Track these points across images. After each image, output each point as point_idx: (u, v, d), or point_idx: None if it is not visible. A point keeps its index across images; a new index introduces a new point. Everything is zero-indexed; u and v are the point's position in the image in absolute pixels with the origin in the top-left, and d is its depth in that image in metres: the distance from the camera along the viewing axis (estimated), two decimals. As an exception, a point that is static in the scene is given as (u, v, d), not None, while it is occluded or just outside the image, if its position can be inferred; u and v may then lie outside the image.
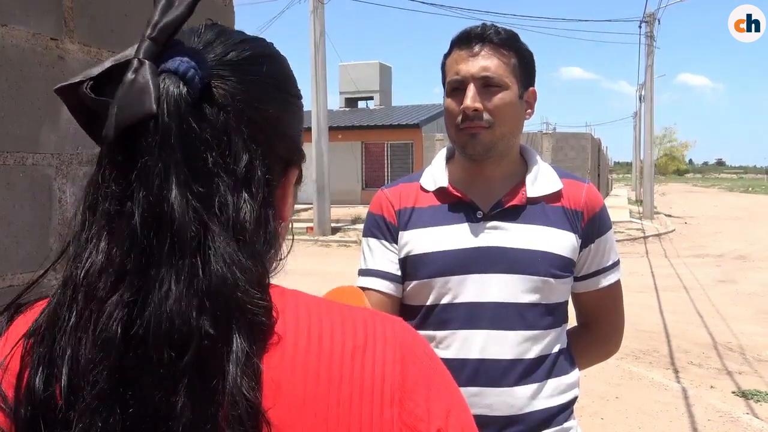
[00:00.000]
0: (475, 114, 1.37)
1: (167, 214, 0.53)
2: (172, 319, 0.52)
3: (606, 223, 1.50)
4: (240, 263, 0.55)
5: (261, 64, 0.63)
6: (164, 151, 0.54)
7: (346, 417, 0.55)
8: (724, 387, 5.43)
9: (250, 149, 0.59)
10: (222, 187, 0.56)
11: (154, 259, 0.53)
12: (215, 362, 0.53)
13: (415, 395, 0.58)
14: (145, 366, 0.52)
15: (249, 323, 0.54)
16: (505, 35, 1.42)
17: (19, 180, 1.06)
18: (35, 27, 1.08)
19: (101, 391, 0.53)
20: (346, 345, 0.57)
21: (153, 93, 0.54)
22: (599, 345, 1.61)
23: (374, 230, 1.52)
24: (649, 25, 24.32)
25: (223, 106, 0.58)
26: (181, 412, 0.52)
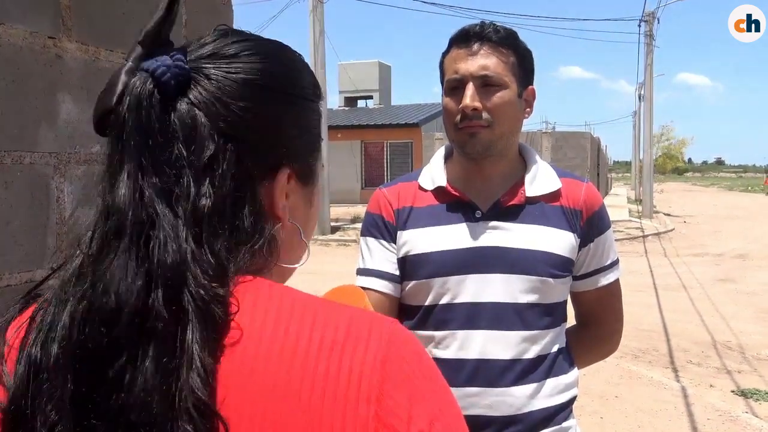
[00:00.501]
0: (474, 113, 1.37)
1: (116, 203, 0.57)
2: (108, 290, 0.55)
3: (605, 222, 1.50)
4: (190, 252, 0.56)
5: (252, 62, 0.64)
6: (120, 142, 0.58)
7: (317, 412, 0.54)
8: (724, 386, 5.43)
9: (218, 143, 0.60)
10: (184, 179, 0.58)
11: (105, 245, 0.57)
12: (164, 343, 0.54)
13: (396, 395, 0.56)
14: (92, 339, 0.55)
15: (202, 313, 0.55)
16: (504, 33, 1.41)
17: (16, 179, 1.06)
18: (33, 25, 1.08)
19: (63, 366, 0.56)
20: (325, 340, 0.56)
21: (118, 90, 0.59)
22: (598, 344, 1.61)
23: (372, 230, 1.52)
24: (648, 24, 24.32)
25: (195, 103, 0.61)
26: (133, 387, 0.53)
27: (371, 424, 0.54)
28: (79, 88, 1.16)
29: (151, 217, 0.57)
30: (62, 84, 1.13)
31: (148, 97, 0.58)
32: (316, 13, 16.84)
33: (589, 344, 1.58)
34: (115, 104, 0.59)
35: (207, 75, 0.62)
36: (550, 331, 1.42)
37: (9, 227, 1.05)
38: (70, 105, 1.14)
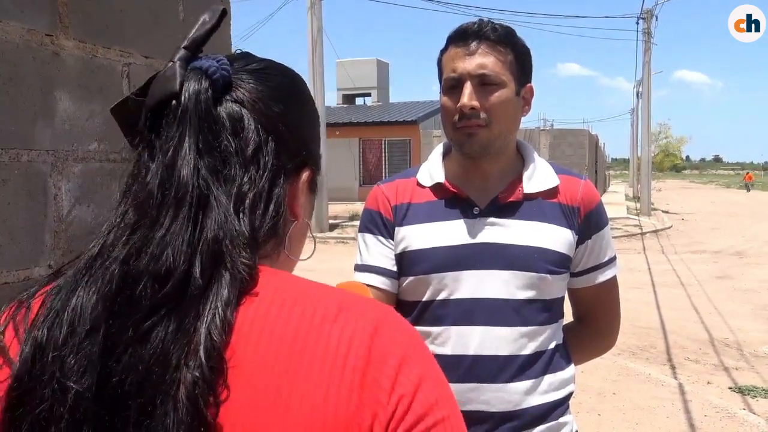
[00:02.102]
0: (471, 112, 1.37)
1: (176, 176, 0.63)
2: (161, 258, 0.60)
3: (603, 219, 1.50)
4: (233, 227, 0.63)
5: (276, 75, 0.74)
6: (181, 124, 0.64)
7: (303, 378, 0.58)
8: (721, 383, 5.44)
9: (261, 137, 0.68)
10: (231, 163, 0.66)
11: (161, 214, 0.62)
12: (193, 304, 0.59)
13: (382, 365, 0.59)
14: (132, 299, 0.60)
15: (231, 277, 0.61)
16: (502, 31, 1.41)
17: (14, 177, 1.06)
18: (30, 23, 1.08)
19: (93, 322, 0.60)
20: (317, 313, 0.61)
21: (178, 78, 0.66)
22: (596, 340, 1.61)
23: (370, 226, 1.52)
24: (646, 22, 24.32)
25: (240, 100, 0.69)
26: (153, 339, 0.58)
27: (355, 392, 0.58)
28: (76, 85, 1.15)
29: (205, 192, 0.63)
30: (59, 81, 1.13)
31: (205, 90, 0.66)
32: (314, 10, 16.82)
33: (587, 340, 1.58)
34: (178, 90, 0.65)
35: (247, 80, 0.70)
36: (547, 327, 1.42)
37: (6, 225, 1.05)
38: (67, 102, 1.14)
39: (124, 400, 0.58)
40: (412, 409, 0.59)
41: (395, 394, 0.59)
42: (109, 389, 0.58)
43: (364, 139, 26.06)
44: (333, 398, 0.57)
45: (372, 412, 0.58)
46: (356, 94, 30.60)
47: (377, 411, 0.58)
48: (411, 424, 0.59)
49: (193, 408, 0.56)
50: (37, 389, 0.60)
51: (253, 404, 0.58)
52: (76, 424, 0.58)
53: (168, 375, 0.57)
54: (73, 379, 0.59)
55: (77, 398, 0.58)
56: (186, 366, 0.57)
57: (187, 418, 0.56)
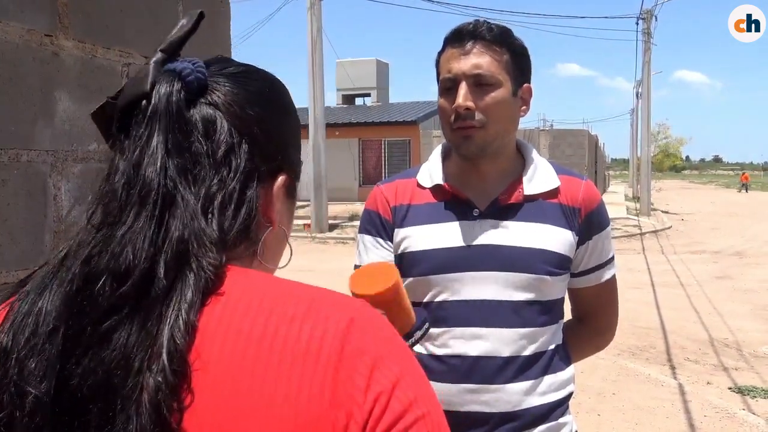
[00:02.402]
0: (467, 113, 1.36)
1: (140, 175, 0.62)
2: (121, 255, 0.59)
3: (604, 220, 1.50)
4: (200, 227, 0.62)
5: (254, 79, 0.73)
6: (150, 124, 0.64)
7: (272, 378, 0.56)
8: (721, 383, 5.44)
9: (234, 139, 0.67)
10: (202, 164, 0.65)
11: (124, 213, 0.62)
12: (156, 305, 0.58)
13: (356, 362, 0.58)
14: (91, 299, 0.59)
15: (196, 277, 0.60)
16: (498, 31, 1.40)
17: (13, 177, 1.06)
18: (30, 23, 1.08)
19: (53, 323, 0.59)
20: (287, 311, 0.60)
21: (150, 79, 0.66)
22: (595, 337, 1.62)
23: (369, 227, 1.52)
24: (646, 22, 24.33)
25: (214, 103, 0.68)
26: (114, 341, 0.57)
27: (327, 390, 0.56)
28: (76, 85, 1.16)
29: (171, 192, 0.62)
30: (59, 81, 1.13)
31: (177, 92, 0.65)
32: (314, 10, 16.81)
33: (587, 338, 1.59)
34: (149, 90, 0.65)
35: (223, 84, 0.70)
36: (547, 328, 1.42)
37: (6, 225, 1.05)
38: (67, 102, 1.14)
39: (84, 405, 0.57)
40: (390, 408, 0.57)
41: (371, 392, 0.57)
42: (68, 393, 0.57)
43: (363, 139, 26.05)
44: (304, 397, 0.56)
45: (346, 411, 0.56)
46: (356, 95, 30.57)
47: (352, 410, 0.56)
48: (390, 423, 0.57)
49: (155, 414, 0.55)
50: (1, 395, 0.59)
51: (219, 408, 0.57)
52: (36, 430, 0.57)
53: (130, 379, 0.56)
54: (32, 384, 0.57)
55: (35, 403, 0.57)
56: (149, 370, 0.56)
57: (149, 425, 0.54)
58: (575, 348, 1.53)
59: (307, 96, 17.32)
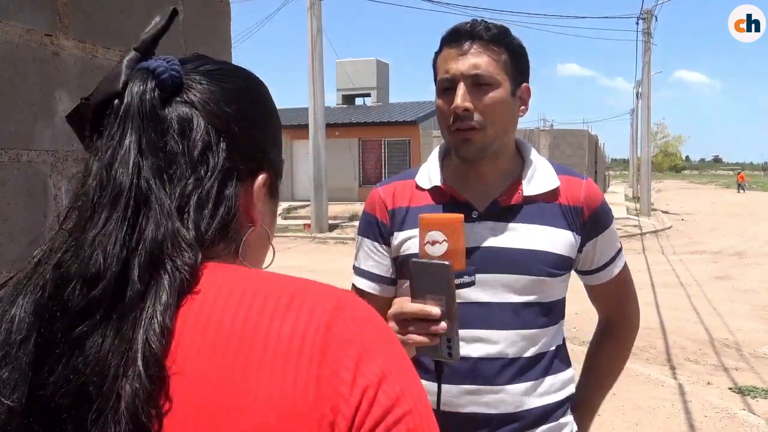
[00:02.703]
0: (465, 114, 1.35)
1: (112, 175, 0.61)
2: (91, 259, 0.58)
3: (608, 218, 1.50)
4: (174, 227, 0.61)
5: (232, 76, 0.72)
6: (123, 123, 0.62)
7: (255, 377, 0.55)
8: (721, 383, 5.45)
9: (211, 138, 0.66)
10: (177, 164, 0.64)
11: (95, 215, 0.60)
12: (131, 309, 0.57)
13: (340, 355, 0.56)
14: (62, 304, 0.57)
15: (170, 279, 0.59)
16: (495, 31, 1.39)
17: (13, 177, 1.06)
18: (30, 23, 1.08)
19: (25, 331, 0.58)
20: (267, 305, 0.58)
21: (122, 78, 0.64)
22: (624, 332, 1.68)
23: (366, 230, 1.52)
24: (646, 22, 24.33)
25: (190, 101, 0.67)
26: (89, 348, 0.56)
27: (312, 384, 0.55)
28: (76, 85, 1.15)
29: (145, 192, 0.61)
30: (59, 81, 1.13)
31: (150, 91, 0.64)
32: (314, 10, 16.82)
33: (617, 339, 1.66)
34: (121, 89, 0.64)
35: (199, 81, 0.68)
36: (547, 329, 1.41)
37: (6, 224, 1.05)
38: (67, 102, 1.14)
39: (59, 414, 0.55)
40: (378, 401, 0.56)
41: (358, 387, 0.56)
42: (42, 403, 0.56)
43: (363, 139, 26.05)
44: (288, 394, 0.55)
45: (332, 406, 0.55)
46: (356, 95, 30.56)
47: (338, 404, 0.55)
48: (379, 417, 0.56)
49: (134, 421, 0.54)
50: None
51: (200, 411, 0.55)
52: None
53: (106, 386, 0.54)
54: (4, 394, 0.56)
55: (8, 414, 0.56)
56: (124, 376, 0.54)
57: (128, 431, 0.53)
58: (611, 360, 1.63)
59: (307, 96, 17.32)
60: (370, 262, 1.50)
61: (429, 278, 1.11)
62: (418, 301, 1.10)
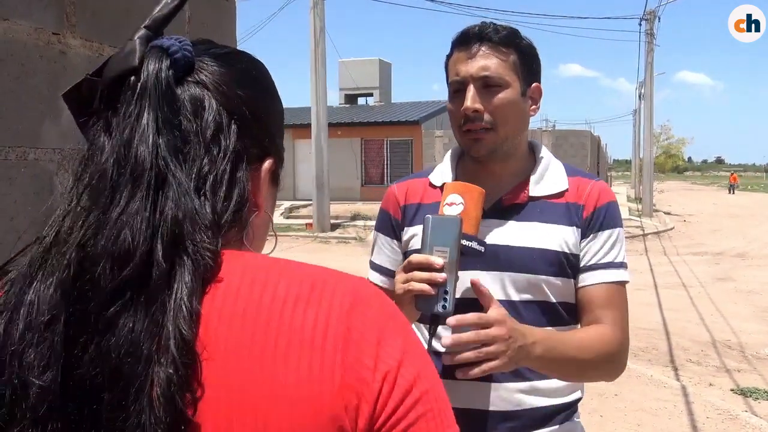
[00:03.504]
0: (475, 115, 1.36)
1: (132, 153, 0.60)
2: (119, 238, 0.57)
3: (614, 220, 1.43)
4: (194, 207, 0.61)
5: (240, 60, 0.72)
6: (140, 100, 0.62)
7: (282, 365, 0.56)
8: (723, 385, 5.44)
9: (223, 119, 0.66)
10: (191, 143, 0.64)
11: (117, 194, 0.59)
12: (158, 292, 0.57)
13: (362, 343, 0.58)
14: (92, 284, 0.57)
15: (194, 263, 0.58)
16: (504, 32, 1.40)
17: (20, 175, 1.06)
18: (37, 21, 1.08)
19: (51, 312, 0.57)
20: (290, 295, 0.59)
21: (138, 53, 0.63)
22: (605, 346, 1.39)
23: (380, 225, 1.56)
24: (649, 23, 24.32)
25: (202, 82, 0.67)
26: (120, 329, 0.55)
27: (337, 371, 0.57)
28: (83, 84, 1.16)
29: (163, 171, 0.60)
30: (66, 80, 1.13)
31: (166, 69, 0.63)
32: (317, 10, 16.83)
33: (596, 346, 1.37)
34: (138, 65, 0.63)
35: (210, 64, 0.68)
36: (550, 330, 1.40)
37: (12, 222, 1.05)
38: (74, 101, 1.14)
39: (95, 394, 0.55)
40: (398, 384, 0.58)
41: (379, 371, 0.58)
42: (76, 382, 0.56)
43: (366, 139, 26.05)
44: (315, 380, 0.56)
45: (357, 392, 0.57)
46: (358, 94, 30.57)
47: (362, 390, 0.57)
48: (399, 400, 0.58)
49: (170, 406, 0.54)
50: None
51: (231, 397, 0.57)
52: (40, 423, 0.56)
53: (140, 367, 0.55)
54: (35, 374, 0.56)
55: (40, 394, 0.56)
56: (158, 362, 0.55)
57: (165, 417, 0.54)
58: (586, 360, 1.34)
59: (310, 95, 17.33)
60: (383, 257, 1.54)
61: (439, 231, 1.22)
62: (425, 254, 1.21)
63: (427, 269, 1.21)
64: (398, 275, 1.27)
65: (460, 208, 1.27)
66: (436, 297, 1.20)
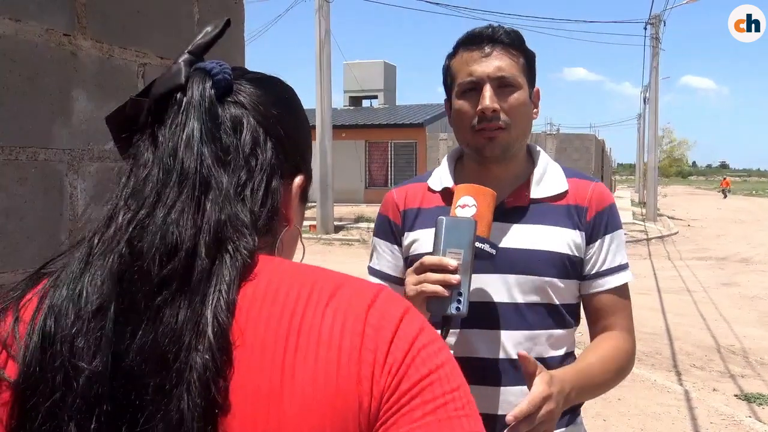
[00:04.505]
0: (493, 115, 1.37)
1: (179, 159, 0.66)
2: (167, 234, 0.62)
3: (615, 222, 1.46)
4: (235, 211, 0.66)
5: (274, 84, 0.79)
6: (186, 113, 0.67)
7: (302, 358, 0.60)
8: (727, 390, 5.43)
9: (260, 136, 0.72)
10: (231, 155, 0.69)
11: (164, 195, 0.65)
12: (200, 284, 0.61)
13: (377, 340, 0.62)
14: (141, 274, 0.61)
15: (233, 260, 0.63)
16: (514, 35, 1.42)
17: (30, 175, 1.07)
18: (48, 23, 1.09)
19: (100, 301, 0.61)
20: (312, 298, 0.64)
21: (183, 73, 0.70)
22: (617, 351, 1.44)
23: (380, 231, 1.55)
24: (654, 27, 24.29)
25: (240, 102, 0.73)
26: (167, 319, 0.60)
27: (353, 368, 0.61)
28: (93, 85, 1.16)
29: (207, 177, 0.66)
30: (77, 81, 1.14)
31: (209, 88, 0.69)
32: (322, 12, 16.85)
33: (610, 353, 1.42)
34: (184, 82, 0.69)
35: (247, 86, 0.74)
36: (554, 332, 1.40)
37: (23, 223, 1.06)
38: (84, 102, 1.15)
39: (141, 380, 0.59)
40: (415, 366, 0.62)
41: (392, 355, 0.62)
42: (124, 368, 0.60)
43: (370, 141, 26.06)
44: (333, 375, 0.60)
45: (370, 384, 0.61)
46: (363, 97, 30.58)
47: (376, 377, 0.61)
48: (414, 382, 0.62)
49: (205, 391, 0.58)
50: (48, 378, 0.60)
51: (258, 384, 0.60)
52: (88, 407, 0.59)
53: (182, 355, 0.59)
54: (85, 360, 0.60)
55: (90, 379, 0.59)
56: (195, 349, 0.59)
57: (200, 401, 0.57)
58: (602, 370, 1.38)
59: (315, 97, 17.35)
60: (383, 262, 1.54)
61: (453, 233, 1.22)
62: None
63: (440, 271, 1.21)
64: (409, 277, 1.27)
65: (473, 210, 1.28)
66: (449, 299, 1.21)
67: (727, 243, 16.80)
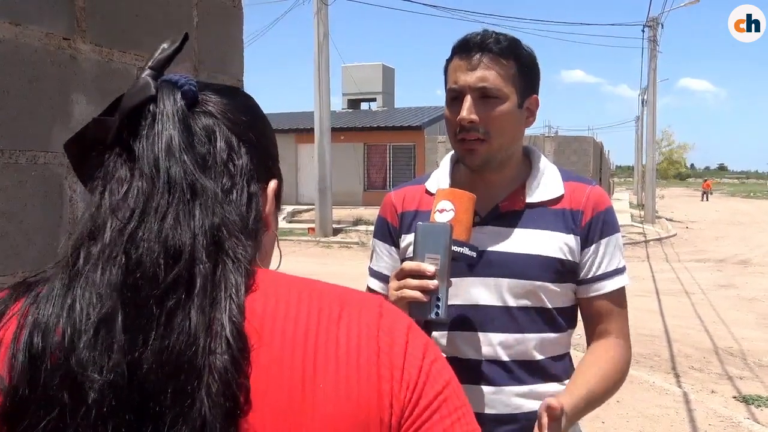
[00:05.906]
0: (470, 126, 1.36)
1: (163, 168, 0.65)
2: (167, 238, 0.62)
3: (612, 226, 1.45)
4: (226, 215, 0.66)
5: (237, 93, 0.79)
6: (161, 123, 0.67)
7: (321, 375, 0.62)
8: (725, 392, 5.43)
9: (233, 141, 0.72)
10: (211, 162, 0.69)
11: (155, 204, 0.64)
12: (207, 288, 0.61)
13: (392, 354, 0.65)
14: (146, 279, 0.61)
15: (234, 264, 0.64)
16: (505, 43, 1.39)
17: (30, 178, 1.07)
18: (48, 27, 1.09)
19: (104, 313, 0.60)
20: (322, 315, 0.65)
21: (152, 84, 0.68)
22: (613, 356, 1.44)
23: (378, 233, 1.57)
24: (652, 30, 24.34)
25: (210, 112, 0.72)
26: (179, 324, 0.60)
27: (373, 382, 0.63)
28: (93, 88, 1.17)
29: (192, 182, 0.65)
30: (76, 84, 1.14)
31: (179, 100, 0.69)
32: (321, 15, 16.87)
33: (603, 359, 1.43)
34: (155, 93, 0.68)
35: (212, 96, 0.74)
36: (549, 335, 1.41)
37: (22, 226, 1.06)
38: (83, 105, 1.15)
39: (160, 387, 0.58)
40: (430, 384, 0.65)
41: (407, 372, 0.65)
42: (139, 377, 0.59)
43: (368, 144, 26.06)
44: (354, 391, 0.62)
45: (390, 400, 0.63)
46: (361, 99, 30.59)
47: (396, 394, 0.63)
48: (431, 398, 0.65)
49: (227, 391, 0.58)
50: (45, 397, 0.58)
51: (277, 395, 0.61)
52: (102, 419, 0.58)
53: (198, 360, 0.59)
54: (96, 371, 0.58)
55: (103, 390, 0.58)
56: (213, 352, 0.59)
57: (221, 400, 0.58)
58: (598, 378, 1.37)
59: (313, 100, 17.36)
60: (382, 264, 1.55)
61: (430, 239, 1.24)
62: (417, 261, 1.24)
63: (419, 276, 1.23)
64: (391, 282, 1.29)
65: (451, 214, 1.29)
66: (429, 304, 1.22)
67: (725, 245, 16.82)
